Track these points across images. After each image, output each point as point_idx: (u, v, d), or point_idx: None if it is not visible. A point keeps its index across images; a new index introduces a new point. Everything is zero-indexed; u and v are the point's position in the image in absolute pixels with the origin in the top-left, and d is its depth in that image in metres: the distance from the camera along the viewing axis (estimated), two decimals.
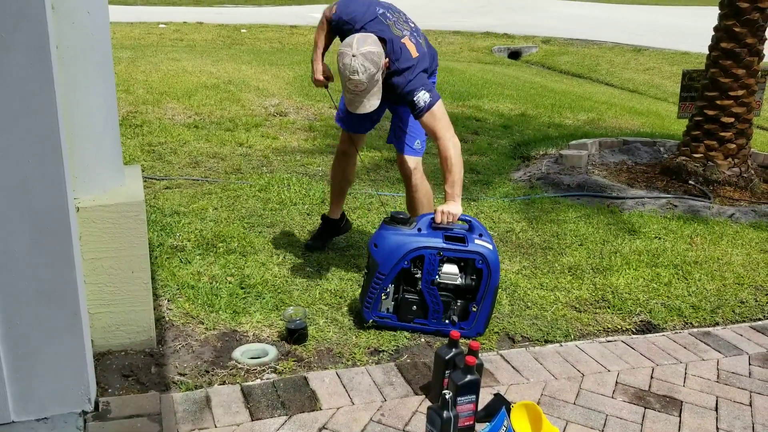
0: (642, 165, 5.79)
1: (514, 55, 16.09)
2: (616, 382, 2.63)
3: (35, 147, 1.85)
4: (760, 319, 3.25)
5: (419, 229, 2.82)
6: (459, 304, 2.87)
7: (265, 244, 3.68)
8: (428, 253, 2.77)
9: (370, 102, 2.84)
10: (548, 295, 3.32)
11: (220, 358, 2.64)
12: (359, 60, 2.73)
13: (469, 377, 2.22)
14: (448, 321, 2.86)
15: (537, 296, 3.30)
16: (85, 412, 2.13)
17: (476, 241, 2.80)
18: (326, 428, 2.25)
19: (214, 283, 3.19)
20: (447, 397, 2.11)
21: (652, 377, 2.69)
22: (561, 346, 2.89)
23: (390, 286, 2.83)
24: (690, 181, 5.20)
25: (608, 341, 2.95)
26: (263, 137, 5.97)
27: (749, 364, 2.83)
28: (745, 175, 5.21)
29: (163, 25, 15.14)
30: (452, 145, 2.86)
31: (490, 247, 2.81)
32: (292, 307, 2.85)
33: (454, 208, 2.83)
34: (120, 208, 2.40)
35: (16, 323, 1.97)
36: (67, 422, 2.10)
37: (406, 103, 2.92)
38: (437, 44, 15.63)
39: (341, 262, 3.54)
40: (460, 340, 2.40)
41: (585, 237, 4.07)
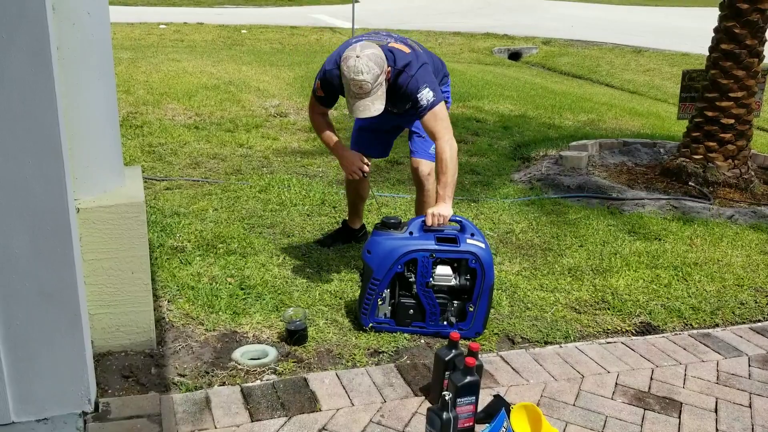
0: (642, 166, 5.79)
1: (515, 56, 16.10)
2: (616, 384, 2.63)
3: (36, 148, 1.85)
4: (759, 321, 3.25)
5: (411, 233, 2.83)
6: (455, 305, 2.87)
7: (265, 245, 3.68)
8: (421, 255, 2.78)
9: (374, 105, 2.83)
10: (548, 296, 3.32)
11: (220, 359, 2.64)
12: (363, 60, 2.75)
13: (468, 378, 2.22)
14: (446, 322, 2.87)
15: (537, 297, 3.30)
16: (85, 413, 2.13)
17: (468, 240, 2.81)
18: (326, 429, 2.25)
19: (214, 284, 3.20)
20: (447, 398, 2.11)
21: (651, 379, 2.69)
22: (561, 347, 2.89)
23: (386, 291, 2.83)
24: (690, 183, 5.20)
25: (608, 342, 2.95)
26: (263, 138, 5.98)
27: (749, 365, 2.83)
28: (745, 176, 5.21)
29: (164, 26, 15.16)
30: (449, 147, 2.88)
31: (483, 245, 2.81)
32: (292, 308, 2.86)
33: (445, 210, 2.84)
34: (120, 209, 2.40)
35: (16, 324, 1.97)
36: (67, 423, 2.10)
37: (411, 102, 2.93)
38: (437, 45, 15.65)
39: (341, 264, 3.54)
40: (460, 341, 2.40)
41: (585, 238, 4.07)
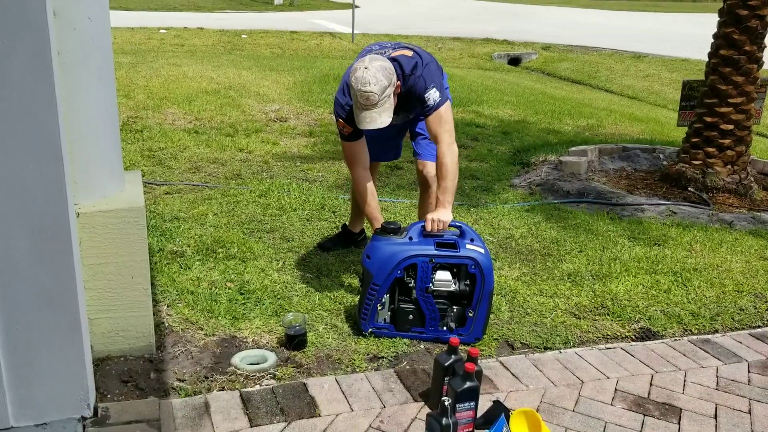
0: (641, 172, 5.80)
1: (514, 61, 16.13)
2: (616, 389, 2.63)
3: (36, 152, 1.85)
4: (759, 327, 3.25)
5: (410, 238, 2.83)
6: (455, 310, 2.87)
7: (265, 250, 3.68)
8: (420, 261, 2.78)
9: (381, 117, 2.82)
10: (548, 301, 3.32)
11: (220, 363, 2.64)
12: (371, 71, 2.75)
13: (468, 384, 2.22)
14: (445, 328, 2.86)
15: (536, 303, 3.30)
16: (84, 418, 2.13)
17: (468, 246, 2.81)
18: None
19: (213, 288, 3.19)
20: (446, 403, 2.11)
21: (651, 384, 2.68)
22: (560, 352, 2.89)
23: (385, 296, 2.83)
24: (689, 188, 5.21)
25: (607, 348, 2.95)
26: (263, 143, 5.98)
27: (748, 371, 2.83)
28: (744, 182, 5.21)
29: (164, 31, 15.17)
30: (450, 152, 2.89)
31: (482, 251, 2.81)
32: (291, 313, 2.86)
33: (444, 215, 2.85)
34: (120, 214, 2.40)
35: (15, 328, 1.97)
36: (66, 428, 2.10)
37: (419, 102, 2.93)
38: (437, 50, 15.68)
39: (341, 268, 3.54)
40: (460, 346, 2.40)
41: (584, 244, 4.07)
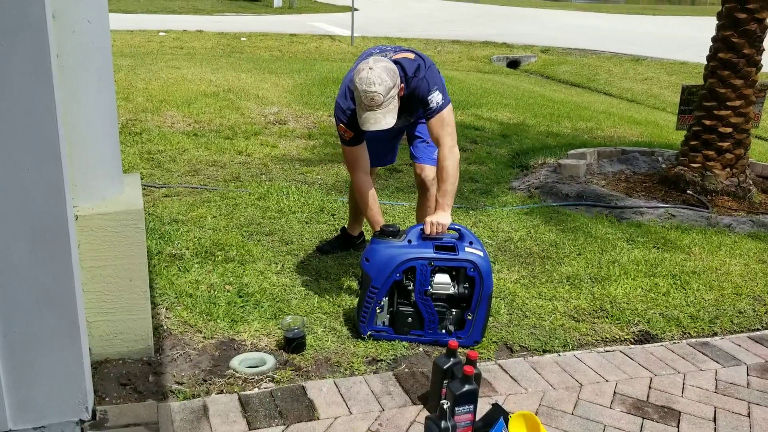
0: (640, 174, 5.80)
1: (513, 64, 16.14)
2: (614, 393, 2.63)
3: (35, 155, 1.85)
4: (758, 330, 3.25)
5: (409, 241, 2.82)
6: (454, 313, 2.87)
7: (264, 253, 3.67)
8: (419, 264, 2.78)
9: (386, 118, 2.80)
10: (546, 304, 3.32)
11: (218, 366, 2.64)
12: (376, 72, 2.74)
13: (467, 387, 2.22)
14: (444, 331, 2.86)
15: (535, 306, 3.30)
16: (82, 421, 2.12)
17: (467, 249, 2.81)
18: None
19: (212, 291, 3.19)
20: (445, 407, 2.11)
21: (650, 387, 2.68)
22: (559, 356, 2.89)
23: (384, 299, 2.83)
24: (688, 191, 5.21)
25: (606, 351, 2.95)
26: (262, 145, 5.98)
27: (747, 374, 2.83)
28: (743, 185, 5.22)
29: (163, 33, 15.18)
30: (452, 156, 2.89)
31: (481, 254, 2.81)
32: (290, 316, 2.86)
33: (444, 218, 2.84)
34: (119, 217, 2.40)
35: (14, 331, 1.96)
36: (65, 431, 2.09)
37: (422, 105, 2.93)
38: (436, 53, 15.69)
39: (340, 271, 3.54)
40: (458, 349, 2.40)
41: (583, 246, 4.07)
